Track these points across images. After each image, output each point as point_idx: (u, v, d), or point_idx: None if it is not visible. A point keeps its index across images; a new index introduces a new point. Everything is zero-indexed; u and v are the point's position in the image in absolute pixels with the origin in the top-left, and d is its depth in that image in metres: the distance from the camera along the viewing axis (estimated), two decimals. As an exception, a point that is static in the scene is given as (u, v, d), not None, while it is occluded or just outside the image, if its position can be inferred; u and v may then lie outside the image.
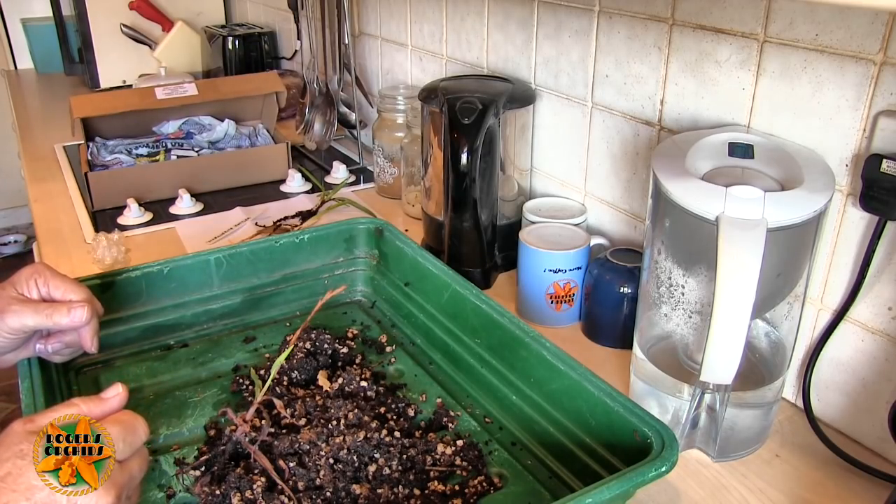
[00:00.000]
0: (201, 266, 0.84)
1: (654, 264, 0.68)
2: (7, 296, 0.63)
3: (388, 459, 0.63)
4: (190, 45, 1.98)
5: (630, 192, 0.91)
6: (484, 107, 0.89)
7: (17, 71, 2.51)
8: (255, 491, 0.59)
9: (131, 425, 0.50)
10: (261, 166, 1.32)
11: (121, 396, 0.52)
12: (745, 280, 0.55)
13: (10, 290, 0.64)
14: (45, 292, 0.65)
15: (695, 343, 0.69)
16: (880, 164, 0.60)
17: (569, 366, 0.64)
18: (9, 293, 0.63)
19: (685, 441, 0.68)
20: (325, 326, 0.82)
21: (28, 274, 0.65)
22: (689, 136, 0.68)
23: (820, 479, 0.66)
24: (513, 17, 1.03)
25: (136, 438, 0.50)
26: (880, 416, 0.66)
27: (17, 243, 3.16)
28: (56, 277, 0.66)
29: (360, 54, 1.51)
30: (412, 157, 1.13)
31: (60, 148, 1.54)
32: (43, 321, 0.63)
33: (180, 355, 0.80)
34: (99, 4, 1.92)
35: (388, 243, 0.89)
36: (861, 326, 0.67)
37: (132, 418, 0.51)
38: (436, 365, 0.79)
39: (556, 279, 0.87)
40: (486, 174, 0.92)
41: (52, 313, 0.63)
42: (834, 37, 0.63)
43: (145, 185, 1.24)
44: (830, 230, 0.67)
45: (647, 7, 0.81)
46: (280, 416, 0.66)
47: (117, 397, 0.52)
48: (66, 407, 0.49)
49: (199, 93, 1.33)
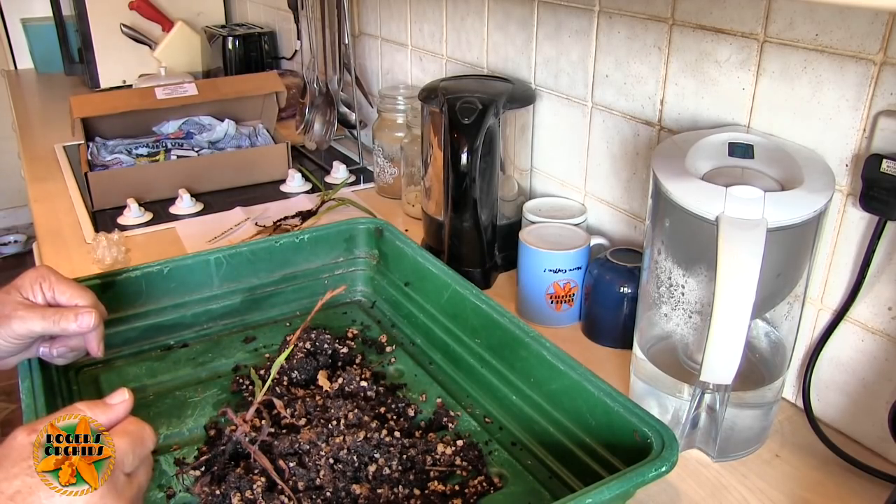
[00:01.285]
0: (201, 266, 0.84)
1: (654, 264, 0.68)
2: (12, 301, 0.62)
3: (388, 459, 0.63)
4: (190, 45, 1.98)
5: (630, 192, 0.91)
6: (484, 107, 0.89)
7: (17, 71, 2.51)
8: (255, 491, 0.59)
9: (139, 437, 0.49)
10: (261, 166, 1.32)
11: (127, 403, 0.51)
12: (745, 280, 0.55)
13: (14, 294, 0.63)
14: (51, 296, 0.65)
15: (695, 343, 0.69)
16: (880, 164, 0.60)
17: (569, 366, 0.64)
18: (14, 298, 0.63)
19: (685, 441, 0.68)
20: (325, 326, 0.82)
21: (33, 278, 0.64)
22: (689, 136, 0.68)
23: (820, 479, 0.66)
24: (513, 17, 1.03)
25: (144, 449, 0.50)
26: (880, 416, 0.66)
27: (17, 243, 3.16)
28: (62, 282, 0.65)
29: (360, 54, 1.51)
30: (412, 157, 1.13)
31: (60, 148, 1.54)
32: (50, 327, 0.62)
33: (180, 355, 0.80)
34: (99, 4, 1.92)
35: (388, 243, 0.89)
36: (861, 326, 0.67)
37: (139, 428, 0.50)
38: (436, 365, 0.79)
39: (556, 279, 0.87)
40: (486, 174, 0.92)
41: (60, 319, 0.63)
42: (834, 37, 0.63)
43: (145, 185, 1.24)
44: (830, 230, 0.67)
45: (647, 7, 0.81)
46: (280, 416, 0.66)
47: (123, 404, 0.51)
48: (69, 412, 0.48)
49: (199, 93, 1.33)
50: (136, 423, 0.50)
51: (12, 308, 0.62)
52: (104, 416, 0.49)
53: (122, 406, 0.51)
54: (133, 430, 0.49)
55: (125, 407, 0.51)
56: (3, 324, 0.61)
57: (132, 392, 0.52)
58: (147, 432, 0.50)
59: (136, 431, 0.49)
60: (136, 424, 0.50)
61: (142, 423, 0.51)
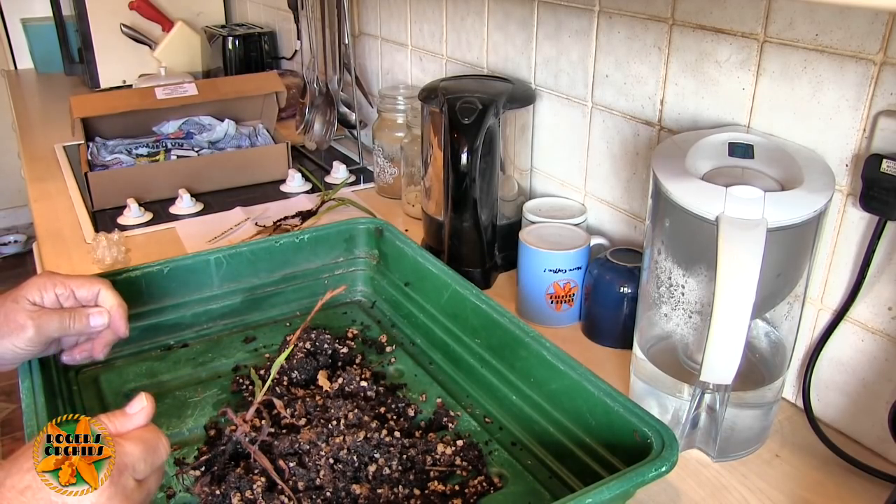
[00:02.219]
0: (201, 266, 0.84)
1: (654, 264, 0.68)
2: (23, 309, 0.63)
3: (388, 459, 0.63)
4: (190, 45, 1.98)
5: (630, 192, 0.91)
6: (484, 107, 0.89)
7: (17, 71, 2.51)
8: (255, 491, 0.59)
9: (153, 445, 0.49)
10: (261, 166, 1.32)
11: (146, 411, 0.51)
12: (745, 280, 0.55)
13: (23, 302, 0.63)
14: (68, 295, 0.66)
15: (695, 343, 0.69)
16: (880, 164, 0.60)
17: (569, 366, 0.64)
18: (23, 306, 0.63)
19: (685, 441, 0.68)
20: (325, 326, 0.82)
21: (40, 284, 0.65)
22: (689, 136, 0.68)
23: (820, 479, 0.66)
24: (513, 17, 1.03)
25: (157, 458, 0.50)
26: (880, 416, 0.66)
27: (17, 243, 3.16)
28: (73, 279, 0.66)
29: (360, 54, 1.51)
30: (412, 157, 1.13)
31: (60, 148, 1.54)
32: (67, 329, 0.64)
33: (180, 355, 0.80)
34: (99, 4, 1.92)
35: (388, 243, 0.89)
36: (861, 326, 0.67)
37: (155, 437, 0.50)
38: (436, 365, 0.79)
39: (556, 279, 0.87)
40: (486, 174, 0.92)
41: (74, 322, 0.64)
42: (834, 37, 0.63)
43: (145, 185, 1.24)
44: (830, 230, 0.67)
45: (647, 7, 0.81)
46: (280, 416, 0.66)
47: (142, 412, 0.51)
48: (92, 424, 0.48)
49: (199, 93, 1.33)
50: (153, 431, 0.51)
51: (26, 316, 0.62)
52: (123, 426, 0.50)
53: (140, 415, 0.51)
54: (149, 439, 0.49)
55: (144, 415, 0.51)
56: (18, 333, 0.62)
57: (151, 399, 0.51)
58: (162, 442, 0.50)
59: (152, 440, 0.50)
60: (152, 433, 0.50)
61: (158, 433, 0.51)
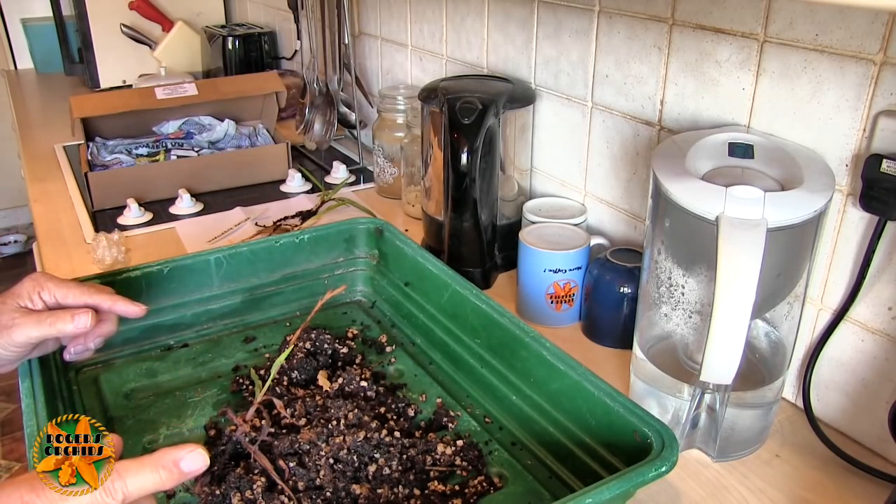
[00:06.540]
0: (201, 266, 0.84)
1: (654, 264, 0.68)
2: (9, 310, 0.62)
3: (388, 459, 0.63)
4: (190, 45, 1.98)
5: (630, 192, 0.91)
6: (484, 107, 0.89)
7: (17, 71, 2.51)
8: (255, 491, 0.59)
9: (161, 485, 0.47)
10: (261, 166, 1.32)
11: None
12: (745, 280, 0.55)
13: (11, 303, 0.63)
14: (53, 302, 0.64)
15: (695, 343, 0.69)
16: (880, 164, 0.60)
17: (569, 366, 0.64)
18: (10, 307, 0.62)
19: (685, 441, 0.68)
20: (325, 326, 0.82)
21: (30, 287, 0.64)
22: (689, 136, 0.68)
23: (820, 479, 0.66)
24: (513, 17, 1.03)
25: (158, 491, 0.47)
26: (880, 416, 0.66)
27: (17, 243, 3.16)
28: (61, 286, 0.65)
29: (360, 54, 1.51)
30: (412, 157, 1.13)
31: (60, 148, 1.54)
32: (47, 331, 0.62)
33: (180, 355, 0.80)
34: (99, 4, 1.92)
35: (388, 243, 0.89)
36: (861, 326, 0.67)
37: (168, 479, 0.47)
38: (436, 365, 0.79)
39: (556, 279, 0.87)
40: (486, 174, 0.92)
41: (56, 322, 0.62)
42: (834, 37, 0.63)
43: (145, 185, 1.24)
44: (830, 230, 0.67)
45: (647, 7, 0.81)
46: (280, 416, 0.66)
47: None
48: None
49: (199, 93, 1.33)
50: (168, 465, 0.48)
51: (10, 317, 0.61)
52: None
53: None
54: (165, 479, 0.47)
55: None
56: (2, 334, 0.61)
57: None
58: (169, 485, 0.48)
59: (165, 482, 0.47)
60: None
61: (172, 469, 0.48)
